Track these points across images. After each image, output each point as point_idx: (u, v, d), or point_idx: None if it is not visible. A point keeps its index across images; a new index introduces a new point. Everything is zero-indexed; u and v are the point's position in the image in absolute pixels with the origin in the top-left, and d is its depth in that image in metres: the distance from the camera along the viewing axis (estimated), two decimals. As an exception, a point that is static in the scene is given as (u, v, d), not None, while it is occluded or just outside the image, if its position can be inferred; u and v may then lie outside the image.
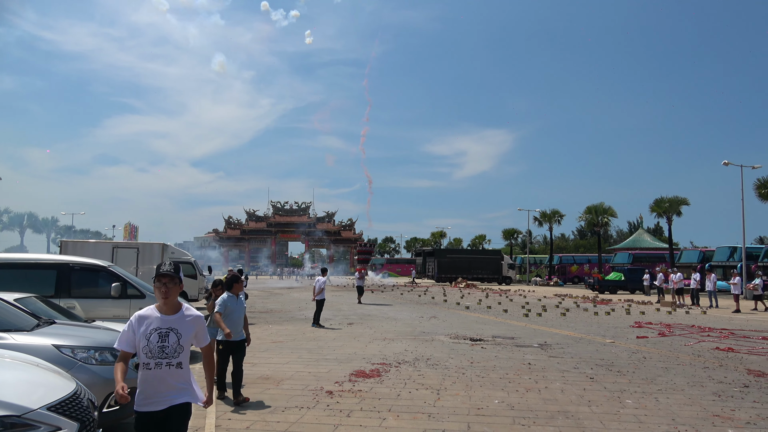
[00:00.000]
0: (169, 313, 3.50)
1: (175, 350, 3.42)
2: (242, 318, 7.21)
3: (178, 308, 3.54)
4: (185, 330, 3.49)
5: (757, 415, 6.41)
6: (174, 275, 3.48)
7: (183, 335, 3.47)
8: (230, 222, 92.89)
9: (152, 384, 3.38)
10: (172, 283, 3.48)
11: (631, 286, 37.52)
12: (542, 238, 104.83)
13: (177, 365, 3.42)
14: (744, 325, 16.78)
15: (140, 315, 3.49)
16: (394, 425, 5.89)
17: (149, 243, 20.79)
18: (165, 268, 3.50)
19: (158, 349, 3.39)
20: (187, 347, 3.50)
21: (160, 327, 3.43)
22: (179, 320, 3.50)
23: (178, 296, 3.60)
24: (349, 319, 17.47)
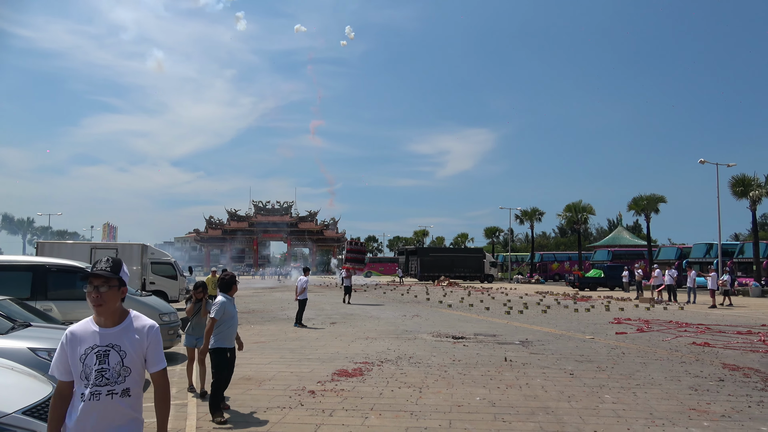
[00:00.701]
0: (109, 324, 2.68)
1: (119, 374, 2.62)
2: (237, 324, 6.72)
3: (121, 318, 2.73)
4: (132, 346, 2.67)
5: (731, 408, 6.55)
6: (110, 275, 2.65)
7: (128, 353, 2.65)
8: (211, 222, 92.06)
9: (87, 420, 2.57)
10: (106, 286, 2.65)
11: (611, 282, 38.05)
12: (524, 236, 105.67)
13: (123, 393, 2.62)
14: (720, 320, 17.12)
15: (73, 331, 2.70)
16: (376, 424, 5.90)
17: (128, 244, 20.53)
18: (99, 266, 2.69)
19: (96, 374, 2.59)
20: (136, 369, 2.68)
21: (98, 344, 2.63)
22: (123, 334, 2.67)
23: (157, 297, 3.26)
24: (332, 318, 17.44)
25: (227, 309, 6.30)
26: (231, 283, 6.59)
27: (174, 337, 10.20)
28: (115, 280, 2.67)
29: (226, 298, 6.42)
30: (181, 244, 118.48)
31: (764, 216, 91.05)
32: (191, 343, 7.67)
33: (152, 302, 10.48)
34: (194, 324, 7.72)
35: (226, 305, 6.31)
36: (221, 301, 6.31)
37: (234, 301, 6.57)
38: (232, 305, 6.46)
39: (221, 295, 6.44)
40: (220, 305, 6.26)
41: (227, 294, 6.48)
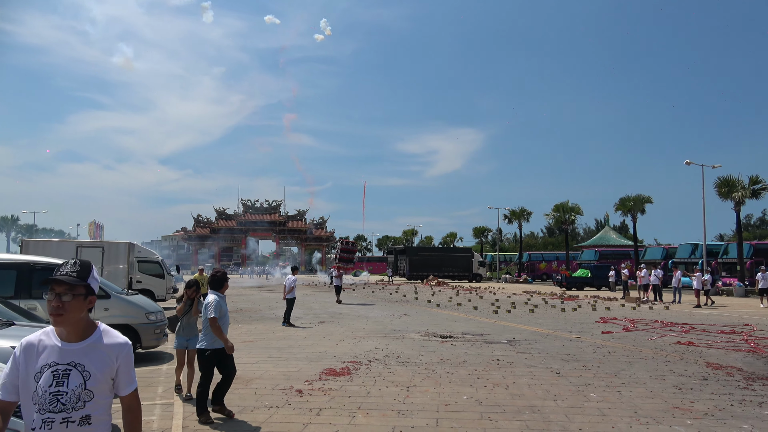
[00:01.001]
0: (73, 339, 2.26)
1: (78, 398, 2.19)
2: None
3: (87, 332, 2.30)
4: (98, 366, 2.25)
5: (714, 406, 6.64)
6: (75, 282, 2.23)
7: (93, 375, 2.23)
8: (199, 220, 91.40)
9: None
10: (70, 294, 2.22)
11: (598, 282, 38.36)
12: (512, 235, 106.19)
13: (81, 421, 2.21)
14: (704, 320, 17.32)
15: (30, 341, 2.29)
16: (363, 423, 5.91)
17: (115, 242, 20.34)
18: (63, 269, 2.28)
19: (50, 398, 2.17)
20: (101, 393, 2.27)
21: (57, 362, 2.22)
22: (89, 351, 2.26)
23: (144, 295, 2.86)
24: (320, 317, 17.41)
25: (222, 307, 6.15)
26: (222, 280, 6.38)
27: (161, 336, 10.13)
28: (81, 288, 2.25)
29: (218, 296, 6.23)
30: (168, 243, 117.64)
31: (748, 217, 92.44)
32: (181, 344, 7.30)
33: (139, 301, 10.41)
34: (185, 325, 7.33)
35: (221, 304, 6.15)
36: (215, 299, 6.12)
37: (226, 299, 6.43)
38: (225, 303, 6.29)
39: (212, 292, 6.23)
40: (216, 304, 6.06)
41: (218, 291, 6.29)
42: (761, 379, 8.24)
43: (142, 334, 9.76)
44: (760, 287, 23.36)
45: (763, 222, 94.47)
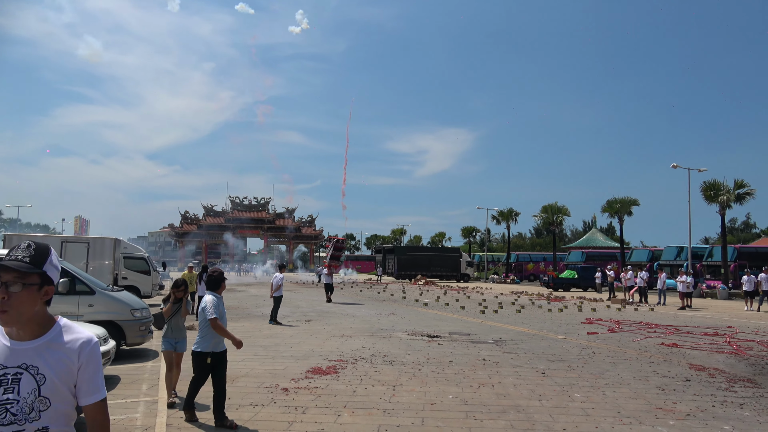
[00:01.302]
0: (25, 337, 1.90)
1: (32, 408, 1.83)
2: None
3: (43, 328, 1.93)
4: (55, 369, 1.88)
5: (696, 407, 6.72)
6: (27, 269, 1.85)
7: (48, 379, 1.86)
8: (187, 217, 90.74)
9: None
10: (19, 284, 1.85)
11: (584, 283, 38.63)
12: (500, 236, 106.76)
13: None
14: (688, 322, 17.52)
15: None
16: (349, 421, 5.91)
17: (101, 237, 20.15)
18: (13, 254, 1.89)
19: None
20: (60, 400, 1.88)
21: (4, 365, 1.86)
22: (44, 351, 1.89)
23: (129, 292, 2.34)
24: (307, 316, 17.37)
25: (220, 308, 5.83)
26: (220, 280, 6.07)
27: (146, 333, 10.05)
28: (34, 276, 1.87)
29: (215, 296, 5.91)
30: (155, 239, 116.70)
31: (733, 221, 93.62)
32: (169, 346, 6.79)
33: (124, 297, 10.31)
34: (173, 326, 6.83)
35: (219, 304, 5.82)
36: (212, 299, 5.80)
37: (223, 300, 6.07)
38: (222, 304, 5.95)
39: (209, 293, 5.94)
40: (214, 304, 5.75)
41: (215, 292, 5.98)
42: (742, 381, 8.35)
43: (126, 331, 9.68)
44: (745, 290, 23.46)
45: (747, 226, 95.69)
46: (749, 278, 23.43)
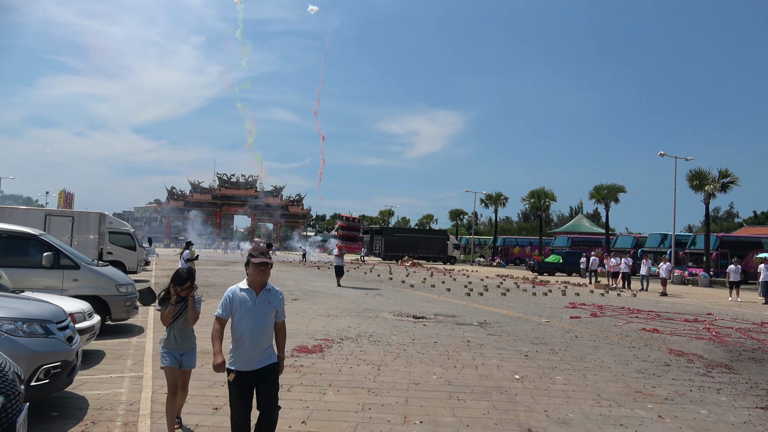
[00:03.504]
0: None
1: None
2: (267, 326, 4.02)
3: None
4: None
5: (674, 391, 6.87)
6: None
7: None
8: (173, 193, 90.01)
9: None
10: None
11: (569, 268, 39.06)
12: (488, 219, 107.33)
13: None
14: (669, 308, 17.82)
15: None
16: (333, 399, 5.96)
17: (85, 212, 19.91)
18: None
19: None
20: None
21: None
22: None
23: (114, 267, 2.22)
24: (294, 294, 17.40)
25: (242, 305, 3.98)
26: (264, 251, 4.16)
27: (131, 309, 10.01)
28: None
29: (243, 289, 4.06)
30: (141, 214, 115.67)
31: (716, 210, 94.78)
32: (173, 361, 4.77)
33: (109, 273, 10.24)
34: (176, 333, 4.83)
35: (237, 298, 4.00)
36: (232, 291, 4.05)
37: (259, 294, 4.05)
38: (254, 299, 4.01)
39: (236, 285, 4.14)
40: (227, 300, 4.02)
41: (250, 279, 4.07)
42: (720, 367, 8.54)
43: (111, 306, 9.64)
44: (731, 280, 23.12)
45: (730, 215, 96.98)
46: (736, 268, 23.14)
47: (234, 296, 4.02)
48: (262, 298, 4.03)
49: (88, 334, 7.09)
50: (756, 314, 16.84)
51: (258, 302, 4.00)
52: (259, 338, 3.97)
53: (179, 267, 5.65)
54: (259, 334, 3.96)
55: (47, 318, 5.33)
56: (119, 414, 5.31)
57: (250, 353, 3.91)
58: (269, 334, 4.06)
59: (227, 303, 4.01)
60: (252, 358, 3.92)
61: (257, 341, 3.95)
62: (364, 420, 5.32)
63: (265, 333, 4.00)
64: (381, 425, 5.19)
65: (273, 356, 4.08)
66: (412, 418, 5.42)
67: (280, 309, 4.15)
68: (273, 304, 4.07)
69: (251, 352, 3.92)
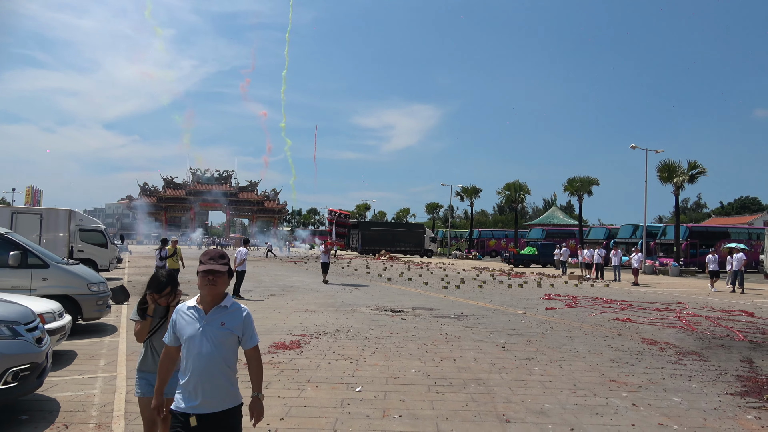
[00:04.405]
0: None
1: None
2: (219, 357, 2.97)
3: None
4: None
5: (647, 380, 7.01)
6: None
7: None
8: (146, 189, 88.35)
9: None
10: None
11: (544, 260, 39.58)
12: (464, 212, 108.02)
13: None
14: (641, 298, 18.18)
15: None
16: (312, 395, 5.92)
17: (54, 209, 19.41)
18: None
19: None
20: None
21: None
22: None
23: (85, 265, 2.11)
24: (271, 290, 17.27)
25: (181, 323, 3.06)
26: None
27: (103, 308, 9.80)
28: None
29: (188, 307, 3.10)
30: (113, 211, 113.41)
31: (685, 200, 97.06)
32: (150, 390, 3.63)
33: (80, 271, 10.00)
34: (156, 351, 3.78)
35: (180, 316, 3.09)
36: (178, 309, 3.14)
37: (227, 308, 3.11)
38: (194, 317, 3.04)
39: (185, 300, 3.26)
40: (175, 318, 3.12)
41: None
42: (691, 355, 8.74)
43: (83, 306, 9.41)
44: (710, 270, 23.19)
45: (699, 206, 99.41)
46: (714, 257, 23.21)
47: (178, 317, 3.08)
48: (213, 318, 3.00)
49: (58, 335, 6.91)
50: (724, 302, 17.30)
51: (207, 324, 2.98)
52: (206, 374, 2.92)
53: (156, 269, 5.28)
54: (205, 369, 2.92)
55: (14, 319, 5.17)
56: (92, 416, 5.19)
57: (202, 390, 2.93)
58: (224, 369, 2.98)
59: (172, 326, 3.11)
60: (199, 400, 2.93)
61: (203, 379, 2.92)
62: (343, 415, 5.30)
63: (215, 366, 2.94)
64: (360, 420, 5.18)
65: (234, 398, 3.04)
66: (392, 412, 5.42)
67: (246, 332, 3.09)
68: (229, 327, 3.01)
69: (203, 389, 2.93)
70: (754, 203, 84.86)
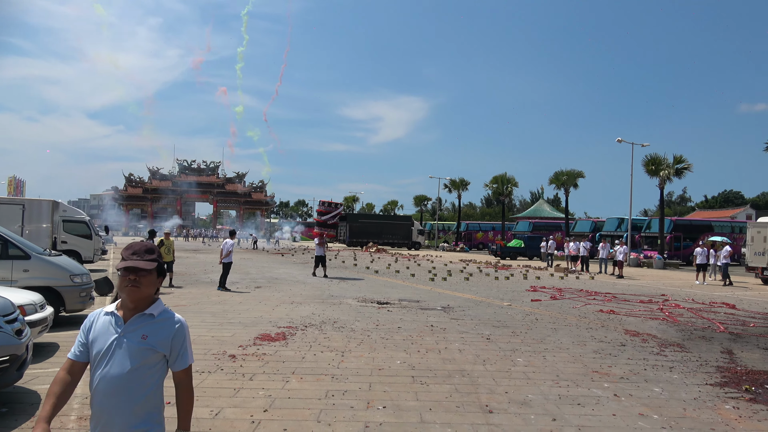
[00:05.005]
0: None
1: None
2: (134, 380, 2.33)
3: None
4: None
5: (629, 370, 7.09)
6: None
7: None
8: (131, 179, 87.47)
9: None
10: None
11: (530, 252, 39.86)
12: (451, 205, 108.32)
13: None
14: (625, 290, 18.38)
15: None
16: (297, 387, 5.92)
17: (37, 199, 19.14)
18: None
19: None
20: None
21: None
22: None
23: (69, 257, 1.86)
24: (257, 282, 17.22)
25: (94, 333, 2.45)
26: None
27: (86, 300, 9.70)
28: None
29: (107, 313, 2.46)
30: (97, 202, 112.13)
31: (670, 194, 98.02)
32: None
33: (63, 262, 9.89)
34: None
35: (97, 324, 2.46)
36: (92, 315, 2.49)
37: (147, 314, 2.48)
38: (108, 325, 2.42)
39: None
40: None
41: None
42: (673, 346, 8.86)
43: (66, 297, 9.31)
44: (697, 263, 23.11)
45: (683, 199, 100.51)
46: (702, 251, 23.15)
47: (93, 324, 2.44)
48: (132, 329, 2.36)
49: (39, 327, 6.84)
50: (707, 294, 17.55)
51: (123, 337, 2.34)
52: (111, 405, 2.28)
53: None
54: (111, 398, 2.29)
55: (-6, 311, 5.10)
56: (74, 408, 5.14)
57: (103, 425, 2.31)
58: (137, 398, 2.31)
59: (83, 333, 2.46)
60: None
61: (105, 412, 2.30)
62: (327, 407, 5.31)
63: (124, 394, 2.29)
64: (344, 411, 5.19)
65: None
66: (376, 404, 5.43)
67: (176, 349, 2.44)
68: (152, 341, 2.36)
69: (104, 425, 2.30)
70: (737, 197, 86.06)
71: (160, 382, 2.44)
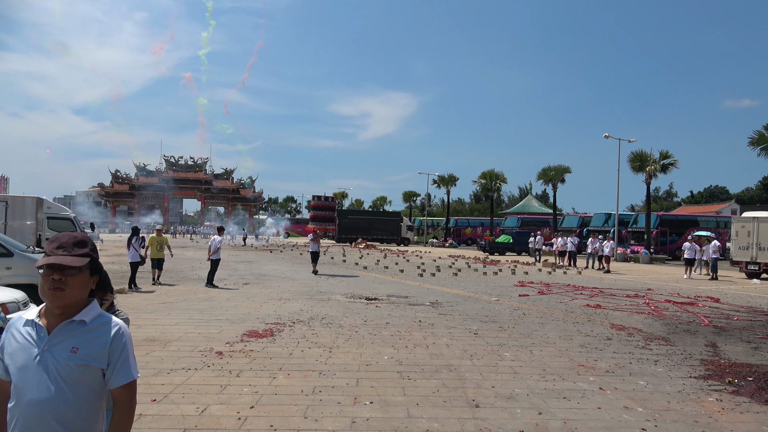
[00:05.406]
0: None
1: None
2: (64, 401, 1.87)
3: None
4: None
5: (615, 364, 7.16)
6: None
7: None
8: (117, 176, 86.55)
9: None
10: None
11: (519, 248, 40.07)
12: (440, 201, 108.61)
13: None
14: (612, 285, 18.54)
15: None
16: (284, 383, 5.91)
17: (21, 196, 18.91)
18: None
19: None
20: None
21: None
22: None
23: None
24: (245, 279, 17.14)
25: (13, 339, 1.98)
26: None
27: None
28: None
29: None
30: (83, 199, 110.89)
31: (656, 189, 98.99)
32: None
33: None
34: None
35: (15, 335, 2.00)
36: (10, 324, 2.04)
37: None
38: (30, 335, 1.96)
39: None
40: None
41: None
42: (658, 340, 8.95)
43: (50, 295, 9.20)
44: (686, 257, 23.18)
45: (670, 195, 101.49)
46: (691, 246, 23.15)
47: (9, 336, 1.98)
48: (58, 340, 1.93)
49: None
50: (692, 289, 17.75)
51: (48, 351, 1.91)
52: (42, 426, 1.87)
53: (131, 257, 5.23)
54: (40, 423, 1.87)
55: (-25, 309, 5.03)
56: None
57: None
58: (74, 425, 1.90)
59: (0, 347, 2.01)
60: None
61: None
62: (314, 403, 5.30)
63: (57, 419, 1.87)
64: (331, 407, 5.19)
65: None
66: (363, 399, 5.43)
67: (114, 361, 1.99)
68: (84, 354, 1.92)
69: None
70: (722, 192, 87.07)
71: (97, 404, 1.97)
